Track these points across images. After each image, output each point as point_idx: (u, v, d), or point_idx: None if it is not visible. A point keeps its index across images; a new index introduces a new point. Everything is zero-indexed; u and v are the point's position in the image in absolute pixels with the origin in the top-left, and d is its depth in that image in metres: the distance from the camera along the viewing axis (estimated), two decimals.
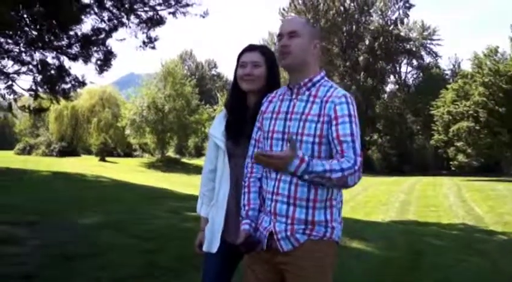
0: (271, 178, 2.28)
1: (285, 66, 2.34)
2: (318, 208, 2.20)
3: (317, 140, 2.18)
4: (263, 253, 2.28)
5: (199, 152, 58.11)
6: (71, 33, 9.59)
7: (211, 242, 2.64)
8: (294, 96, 2.32)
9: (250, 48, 2.70)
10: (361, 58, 55.54)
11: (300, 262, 2.20)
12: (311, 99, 2.26)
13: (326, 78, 2.35)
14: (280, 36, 2.34)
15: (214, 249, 2.62)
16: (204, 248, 2.68)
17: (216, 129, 2.72)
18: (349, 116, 2.18)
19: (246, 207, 2.38)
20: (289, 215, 2.21)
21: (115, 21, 10.33)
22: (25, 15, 8.95)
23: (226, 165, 2.66)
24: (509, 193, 21.23)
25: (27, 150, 47.08)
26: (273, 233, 2.24)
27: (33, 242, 5.92)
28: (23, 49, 9.63)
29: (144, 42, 10.72)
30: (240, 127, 2.63)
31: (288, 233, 2.21)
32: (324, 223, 2.21)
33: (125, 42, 10.52)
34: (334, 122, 2.17)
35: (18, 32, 8.77)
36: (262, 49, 2.70)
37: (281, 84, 2.66)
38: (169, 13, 10.64)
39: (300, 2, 52.42)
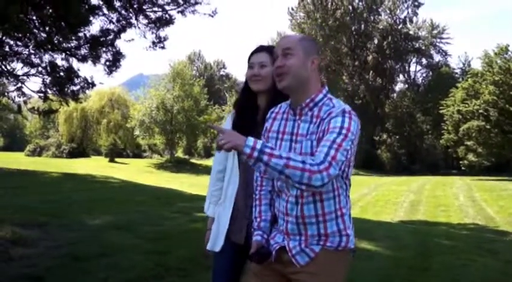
0: (280, 197, 2.26)
1: (282, 88, 2.24)
2: (329, 220, 2.18)
3: None
4: (274, 263, 2.25)
5: (208, 153, 58.22)
6: (80, 34, 9.64)
7: (215, 241, 2.68)
8: (297, 117, 2.25)
9: (258, 49, 2.72)
10: (370, 57, 55.41)
11: (311, 270, 2.17)
12: (314, 119, 2.19)
13: (329, 95, 2.26)
14: (275, 57, 2.26)
15: (218, 248, 2.65)
16: (208, 247, 2.71)
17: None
18: (341, 128, 2.06)
19: (258, 219, 2.37)
20: (302, 233, 2.19)
21: (123, 22, 10.37)
22: (34, 18, 9.01)
23: (235, 166, 2.68)
24: None
25: (38, 152, 47.41)
26: (284, 247, 2.22)
27: (44, 243, 5.96)
28: (32, 51, 9.69)
29: (153, 42, 10.76)
30: (248, 127, 2.63)
31: (303, 246, 2.18)
32: (338, 233, 2.19)
33: (134, 43, 10.61)
34: (325, 134, 2.08)
35: (28, 34, 8.81)
36: (269, 49, 2.67)
37: None
38: (178, 12, 10.67)
39: (309, 1, 52.36)
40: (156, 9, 10.55)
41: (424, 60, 60.71)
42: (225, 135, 2.01)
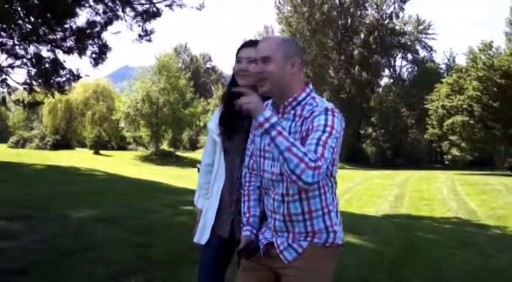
0: (268, 195, 2.29)
1: (263, 93, 2.26)
2: (315, 218, 2.20)
3: None
4: (264, 258, 2.28)
5: (193, 145, 58.19)
6: (66, 26, 9.57)
7: (202, 234, 2.72)
8: (280, 115, 2.26)
9: (248, 44, 2.71)
10: (356, 52, 55.56)
11: (299, 267, 2.20)
12: (296, 119, 2.21)
13: (312, 94, 2.28)
14: (255, 62, 2.30)
15: (203, 241, 2.70)
16: (194, 239, 2.75)
17: (213, 124, 2.76)
18: (325, 125, 2.08)
19: (247, 215, 2.39)
20: (289, 230, 2.22)
21: (110, 14, 10.29)
22: (19, 8, 8.90)
23: (221, 160, 2.70)
24: (502, 187, 21.39)
25: (21, 144, 46.97)
26: (273, 243, 2.25)
27: (27, 236, 5.91)
28: (17, 42, 9.57)
29: (140, 35, 10.69)
30: (233, 122, 2.65)
31: (290, 241, 2.22)
32: (325, 230, 2.22)
33: (120, 35, 10.46)
34: (310, 133, 2.10)
35: (12, 25, 8.70)
36: None
37: None
38: (166, 5, 10.62)
39: None
40: (143, 1, 10.49)
41: (409, 55, 61.08)
42: (249, 97, 2.09)
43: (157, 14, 10.57)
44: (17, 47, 9.80)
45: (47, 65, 9.85)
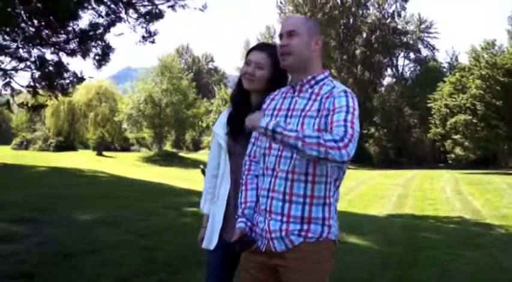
0: (268, 175, 2.25)
1: (286, 66, 2.32)
2: (315, 204, 2.17)
3: None
4: (259, 255, 2.26)
5: (196, 146, 58.26)
6: (69, 29, 9.59)
7: (211, 239, 2.68)
8: (296, 94, 2.30)
9: (260, 47, 2.69)
10: (358, 51, 55.50)
11: (295, 264, 2.17)
12: (313, 97, 2.24)
13: (330, 78, 2.32)
14: (280, 36, 2.32)
15: (212, 246, 2.66)
16: (203, 245, 2.72)
17: (219, 127, 2.74)
18: (347, 106, 2.13)
19: (243, 205, 2.36)
20: (284, 213, 2.18)
21: (113, 16, 10.32)
22: (22, 12, 8.92)
23: (227, 164, 2.67)
24: (506, 186, 21.35)
25: (24, 145, 47.05)
26: (270, 243, 2.22)
27: (32, 239, 5.91)
28: (20, 45, 9.59)
29: (143, 37, 10.72)
30: (239, 123, 2.63)
31: (283, 234, 2.18)
32: (321, 221, 2.18)
33: (122, 36, 10.44)
34: (331, 113, 2.13)
35: (16, 29, 8.73)
36: (271, 51, 2.61)
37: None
38: (168, 6, 10.65)
39: None
40: (146, 3, 10.51)
41: (412, 55, 60.94)
42: (248, 117, 2.20)
43: (160, 15, 10.60)
44: (20, 50, 9.83)
45: (50, 68, 9.88)
